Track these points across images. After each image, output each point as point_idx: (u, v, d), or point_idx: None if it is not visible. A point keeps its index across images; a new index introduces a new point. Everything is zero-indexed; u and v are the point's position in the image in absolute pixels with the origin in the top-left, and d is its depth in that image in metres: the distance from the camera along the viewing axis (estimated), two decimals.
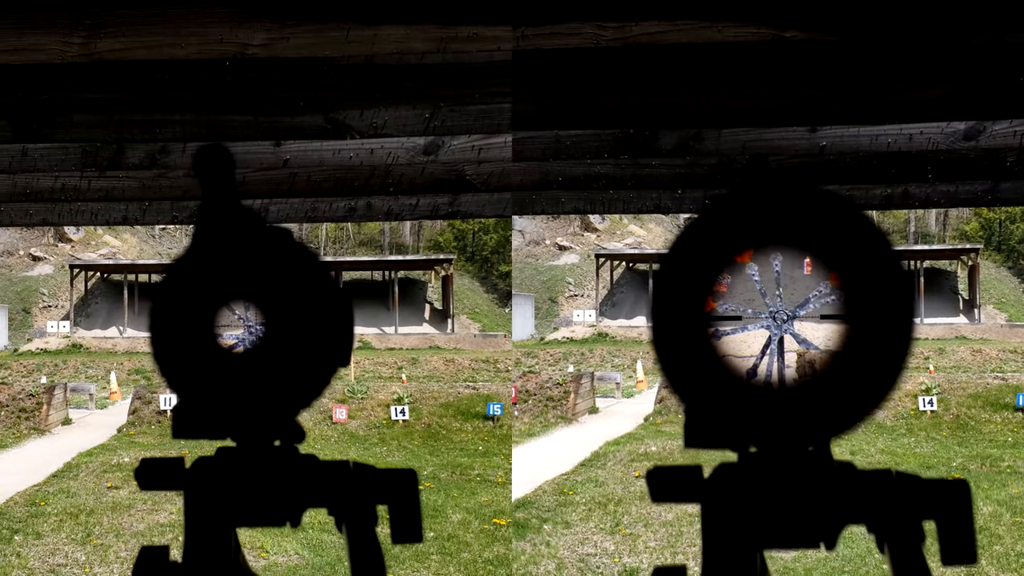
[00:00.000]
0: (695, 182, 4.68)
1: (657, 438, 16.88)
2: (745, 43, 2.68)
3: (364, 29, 2.77)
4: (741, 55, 3.10)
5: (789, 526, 0.80)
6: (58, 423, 19.33)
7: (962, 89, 3.36)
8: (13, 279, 37.13)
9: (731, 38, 2.65)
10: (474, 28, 2.76)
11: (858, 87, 3.37)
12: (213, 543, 0.84)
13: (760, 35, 2.64)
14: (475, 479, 14.06)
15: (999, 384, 18.86)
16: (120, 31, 2.75)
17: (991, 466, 14.18)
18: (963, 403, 17.92)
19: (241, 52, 2.77)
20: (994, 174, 4.53)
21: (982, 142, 4.00)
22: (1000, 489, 12.53)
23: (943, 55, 3.14)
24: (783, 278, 19.20)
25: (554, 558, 9.95)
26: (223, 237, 0.82)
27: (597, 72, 3.21)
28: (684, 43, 2.69)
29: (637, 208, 5.15)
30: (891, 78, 3.29)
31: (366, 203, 4.81)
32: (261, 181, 4.17)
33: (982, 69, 3.21)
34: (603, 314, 33.84)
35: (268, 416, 0.83)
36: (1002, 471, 13.87)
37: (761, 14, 2.63)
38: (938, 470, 13.71)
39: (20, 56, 2.82)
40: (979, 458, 14.47)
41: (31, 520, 11.30)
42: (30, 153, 4.01)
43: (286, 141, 3.99)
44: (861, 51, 3.12)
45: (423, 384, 21.17)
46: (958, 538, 0.81)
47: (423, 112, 3.53)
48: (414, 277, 36.51)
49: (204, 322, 0.81)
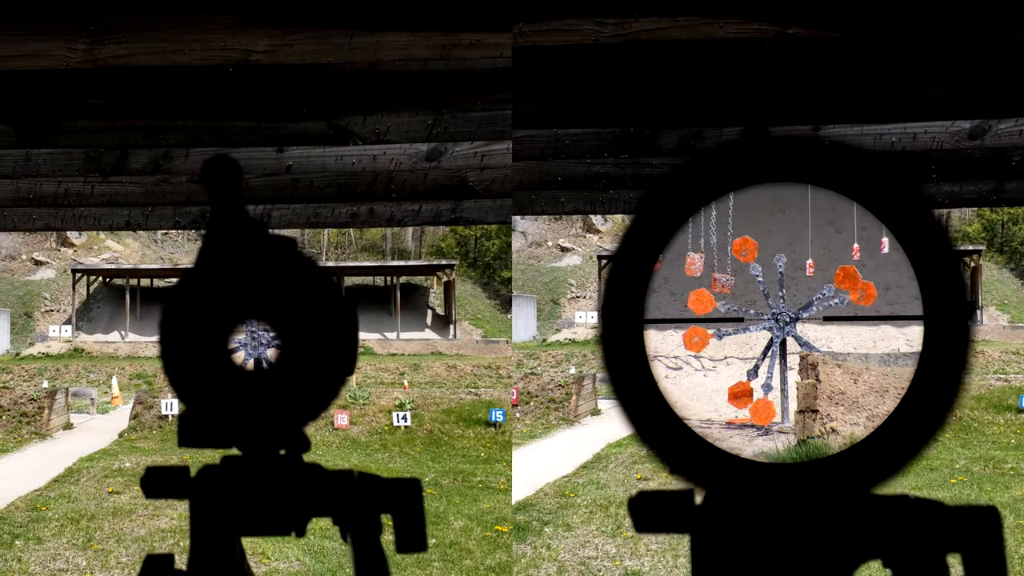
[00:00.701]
0: None
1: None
2: (747, 40, 2.65)
3: (367, 36, 2.77)
4: (743, 52, 3.05)
5: (263, 517, 0.85)
6: (59, 428, 19.31)
7: (967, 87, 3.31)
8: (15, 283, 37.13)
9: (733, 35, 2.61)
10: (477, 35, 2.77)
11: (862, 85, 3.31)
12: (219, 552, 0.84)
13: (762, 32, 2.61)
14: (477, 486, 14.04)
15: (1002, 386, 18.82)
16: (124, 37, 2.76)
17: (994, 468, 14.16)
18: (966, 405, 17.90)
19: (244, 58, 2.77)
20: (999, 174, 4.50)
21: (987, 141, 3.97)
22: (1004, 491, 12.51)
23: (948, 53, 3.09)
24: (785, 279, 19.19)
25: (555, 561, 9.92)
26: (230, 248, 0.82)
27: (596, 70, 3.16)
28: (685, 39, 2.65)
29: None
30: (895, 76, 3.22)
31: (368, 209, 4.81)
32: (264, 187, 4.17)
33: (988, 67, 3.15)
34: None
35: (275, 428, 0.83)
36: (1005, 473, 13.85)
37: (763, 10, 2.60)
38: (941, 472, 13.69)
39: (24, 62, 2.83)
40: (982, 460, 14.44)
41: (32, 525, 11.29)
42: (34, 158, 4.02)
43: (289, 147, 3.99)
44: (865, 48, 3.06)
45: (425, 390, 21.15)
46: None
47: (426, 118, 3.53)
48: (416, 283, 36.50)
49: (213, 332, 0.82)
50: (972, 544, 0.71)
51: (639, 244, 0.69)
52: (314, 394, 0.82)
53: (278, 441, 0.84)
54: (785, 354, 18.76)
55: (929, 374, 0.69)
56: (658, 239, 0.69)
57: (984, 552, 0.71)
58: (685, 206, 0.69)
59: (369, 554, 0.84)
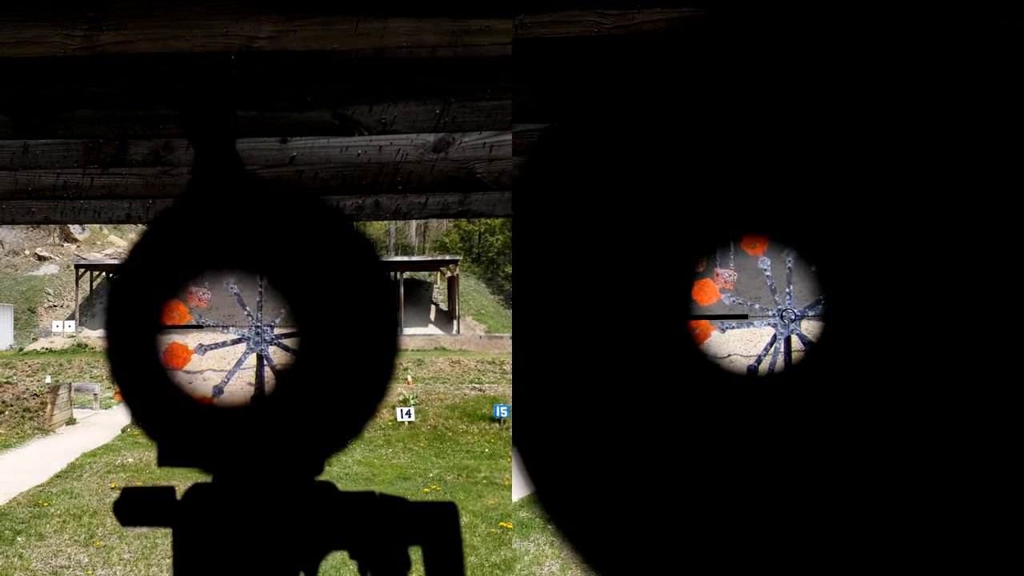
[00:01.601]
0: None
1: (134, 449, 16.53)
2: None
3: (373, 21, 2.69)
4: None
5: (264, 553, 0.72)
6: (62, 423, 19.32)
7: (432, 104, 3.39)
8: (19, 278, 37.14)
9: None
10: (486, 21, 2.69)
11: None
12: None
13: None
14: (482, 482, 14.01)
15: (477, 395, 19.26)
16: (123, 23, 2.69)
17: (468, 477, 14.21)
18: (440, 415, 18.20)
19: (247, 45, 2.70)
20: (465, 185, 4.47)
21: (451, 154, 4.03)
22: (476, 500, 12.56)
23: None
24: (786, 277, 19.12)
25: (558, 558, 9.89)
26: (220, 202, 0.68)
27: (597, 62, 3.16)
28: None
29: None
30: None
31: (374, 201, 4.73)
32: (267, 178, 4.10)
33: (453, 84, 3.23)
34: (83, 324, 33.69)
35: (277, 467, 0.69)
36: (478, 482, 13.90)
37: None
38: (415, 481, 13.81)
39: (21, 49, 2.76)
40: (456, 469, 14.54)
41: (34, 521, 11.25)
42: (32, 149, 3.94)
43: (292, 137, 3.91)
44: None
45: (429, 385, 21.12)
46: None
47: (433, 108, 3.46)
48: (420, 278, 36.48)
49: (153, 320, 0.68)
50: (431, 536, 0.74)
51: (147, 256, 0.66)
52: (338, 421, 0.66)
53: (284, 461, 0.70)
54: (789, 351, 18.68)
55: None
56: (165, 254, 0.66)
57: (442, 543, 0.75)
58: (197, 223, 0.66)
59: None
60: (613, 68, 0.51)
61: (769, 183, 0.52)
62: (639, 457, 0.49)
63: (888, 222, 0.50)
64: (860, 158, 0.50)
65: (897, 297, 0.50)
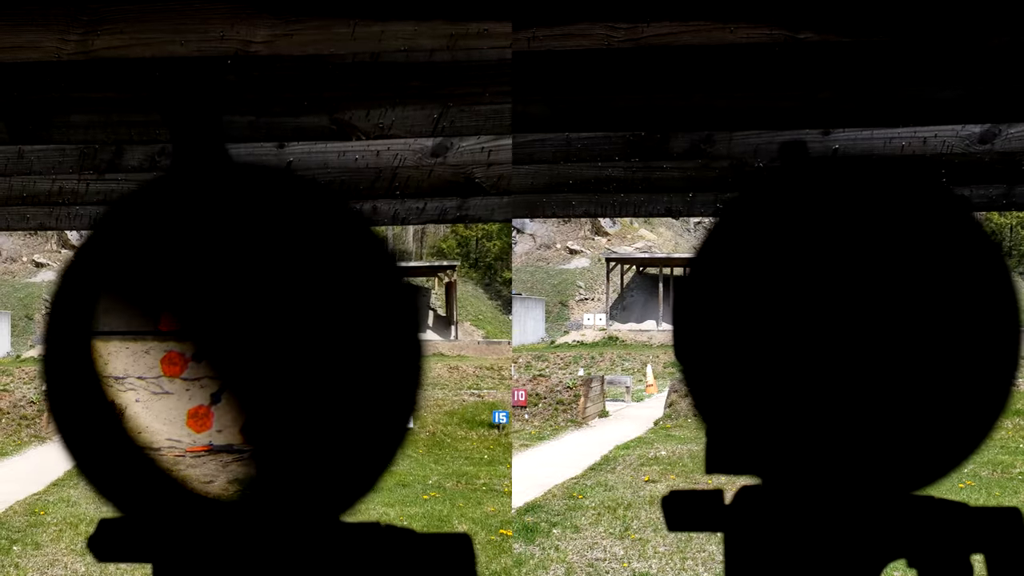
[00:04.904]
0: (707, 185, 4.61)
1: (667, 442, 16.86)
2: (758, 44, 2.66)
3: (370, 25, 2.67)
4: (754, 57, 3.08)
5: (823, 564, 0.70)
6: (595, 416, 19.94)
7: (978, 91, 3.31)
8: (16, 285, 37.10)
9: (744, 39, 2.62)
10: (484, 24, 2.67)
11: (872, 89, 3.35)
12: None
13: (773, 36, 2.61)
14: (481, 488, 13.98)
15: (476, 401, 19.35)
16: (118, 27, 2.66)
17: (1003, 472, 14.11)
18: (439, 420, 18.26)
19: (243, 49, 2.67)
20: (1009, 178, 4.48)
21: (997, 145, 3.99)
22: (1012, 496, 12.46)
23: (958, 56, 3.11)
24: None
25: (563, 563, 9.87)
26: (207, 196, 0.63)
27: (608, 74, 3.17)
28: (696, 44, 2.66)
29: (648, 212, 5.06)
30: (904, 80, 3.26)
31: (372, 207, 4.70)
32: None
33: (999, 71, 3.18)
34: (613, 318, 34.06)
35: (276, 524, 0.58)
36: (1014, 477, 13.80)
37: (774, 15, 2.60)
38: (414, 488, 13.81)
39: (15, 54, 2.73)
40: (990, 464, 14.37)
41: (30, 530, 11.20)
42: (27, 155, 3.91)
43: (289, 142, 3.89)
44: (875, 52, 3.09)
45: (427, 391, 21.10)
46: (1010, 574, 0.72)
47: (431, 112, 3.43)
48: (417, 284, 36.48)
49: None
50: (995, 544, 0.72)
51: (87, 267, 0.63)
52: (357, 463, 0.56)
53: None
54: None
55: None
56: (109, 262, 0.63)
57: (1007, 552, 0.72)
58: (142, 227, 0.64)
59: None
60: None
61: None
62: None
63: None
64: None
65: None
